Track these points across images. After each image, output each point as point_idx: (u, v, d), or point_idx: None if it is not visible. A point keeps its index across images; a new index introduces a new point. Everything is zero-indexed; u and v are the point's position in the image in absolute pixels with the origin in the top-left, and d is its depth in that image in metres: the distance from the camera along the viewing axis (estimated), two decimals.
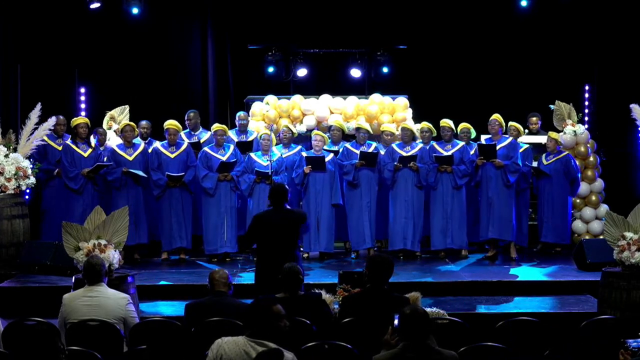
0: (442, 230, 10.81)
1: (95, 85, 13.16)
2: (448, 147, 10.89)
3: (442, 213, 10.80)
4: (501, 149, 10.66)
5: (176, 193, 10.75)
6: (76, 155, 10.54)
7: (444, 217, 10.80)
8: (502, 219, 10.60)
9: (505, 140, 10.77)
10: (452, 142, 10.91)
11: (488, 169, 10.66)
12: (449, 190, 10.79)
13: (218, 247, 10.70)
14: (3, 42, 11.95)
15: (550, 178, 11.01)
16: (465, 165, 10.76)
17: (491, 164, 10.59)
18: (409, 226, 10.77)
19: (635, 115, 10.92)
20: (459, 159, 10.79)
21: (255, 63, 13.76)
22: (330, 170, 10.80)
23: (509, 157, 10.61)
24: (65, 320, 6.39)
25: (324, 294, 7.26)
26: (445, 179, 10.80)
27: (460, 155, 10.81)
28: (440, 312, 7.09)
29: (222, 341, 5.00)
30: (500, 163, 10.54)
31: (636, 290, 7.95)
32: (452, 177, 10.76)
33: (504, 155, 10.63)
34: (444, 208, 10.80)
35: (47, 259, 9.74)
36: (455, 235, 10.80)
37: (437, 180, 10.78)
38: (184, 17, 13.93)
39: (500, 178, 10.61)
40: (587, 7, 12.97)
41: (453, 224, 10.79)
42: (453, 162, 10.72)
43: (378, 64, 13.68)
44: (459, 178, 10.74)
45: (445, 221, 10.80)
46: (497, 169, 10.58)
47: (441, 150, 10.86)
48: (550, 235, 11.09)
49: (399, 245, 10.80)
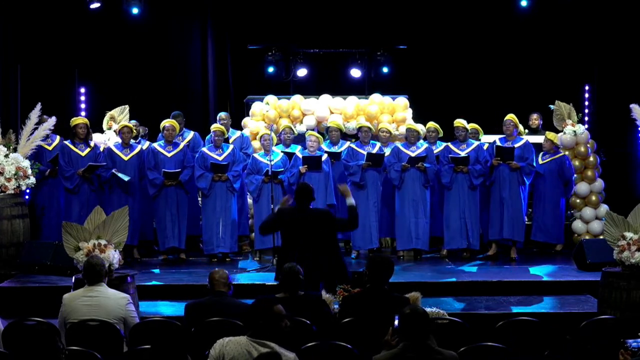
0: (459, 230, 10.80)
1: (95, 85, 13.17)
2: (463, 146, 10.87)
3: (459, 213, 10.78)
4: (516, 150, 10.67)
5: (172, 193, 10.73)
6: (73, 155, 10.53)
7: (460, 217, 10.78)
8: (514, 219, 10.61)
9: (520, 140, 10.79)
10: (466, 142, 10.89)
11: (502, 170, 10.66)
12: (464, 190, 10.78)
13: (214, 247, 10.70)
14: (3, 42, 11.96)
15: (544, 178, 11.00)
16: (481, 164, 10.76)
17: (507, 165, 10.60)
18: (419, 226, 10.75)
19: (635, 115, 10.92)
20: (474, 158, 10.78)
21: (255, 63, 13.77)
22: (325, 170, 10.78)
23: (523, 159, 10.62)
24: (65, 320, 6.39)
25: (324, 294, 7.26)
26: (460, 179, 10.78)
27: (475, 154, 10.80)
28: (440, 312, 7.08)
29: (224, 341, 5.00)
30: (516, 165, 10.55)
31: (636, 290, 7.94)
32: (468, 178, 10.74)
33: (519, 156, 10.63)
34: (460, 208, 10.78)
35: (47, 259, 9.73)
36: (471, 235, 10.80)
37: (452, 180, 10.77)
38: (184, 17, 13.94)
39: (515, 179, 10.62)
40: (587, 7, 12.97)
41: (469, 224, 10.78)
42: (469, 162, 10.72)
43: (378, 64, 13.69)
44: (474, 178, 10.72)
45: (462, 221, 10.79)
46: (512, 171, 10.60)
47: (457, 151, 10.83)
48: (540, 234, 11.09)
49: (408, 245, 10.78)
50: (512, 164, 10.56)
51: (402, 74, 13.79)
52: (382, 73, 13.69)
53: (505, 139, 10.85)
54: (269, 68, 13.55)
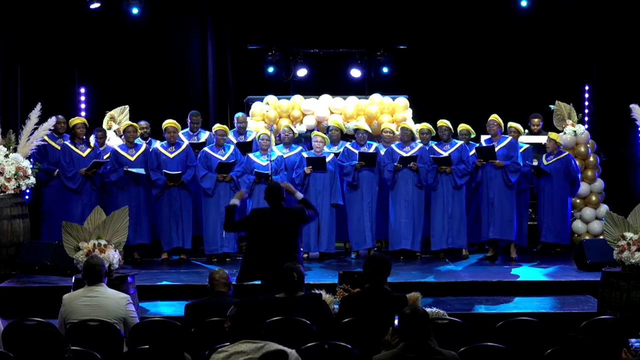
0: (442, 230, 10.81)
1: (95, 85, 13.17)
2: (446, 147, 10.90)
3: (443, 213, 10.80)
4: (501, 149, 10.67)
5: (175, 193, 10.74)
6: (74, 155, 10.56)
7: (444, 218, 10.80)
8: (503, 219, 10.60)
9: (505, 140, 10.77)
10: (450, 142, 10.91)
11: (488, 170, 10.67)
12: (449, 190, 10.79)
13: (218, 247, 10.71)
14: (3, 42, 11.95)
15: (551, 178, 11.00)
16: (465, 164, 10.77)
17: (491, 164, 10.59)
18: (410, 226, 10.76)
19: (635, 115, 10.92)
20: (457, 158, 10.79)
21: (255, 63, 13.76)
22: (331, 171, 10.81)
23: (509, 157, 10.62)
24: (65, 321, 6.39)
25: (324, 294, 7.26)
26: (445, 180, 10.80)
27: (459, 154, 10.81)
28: (440, 312, 7.09)
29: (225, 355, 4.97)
30: (500, 163, 10.54)
31: (636, 290, 7.95)
32: (452, 178, 10.75)
33: (504, 155, 10.64)
34: (445, 208, 10.80)
35: (47, 259, 9.74)
36: (455, 235, 10.80)
37: (436, 180, 10.78)
38: (184, 17, 13.93)
39: (501, 178, 10.61)
40: (587, 7, 12.96)
41: (453, 224, 10.79)
42: (451, 162, 10.72)
43: (378, 64, 13.68)
44: (458, 178, 10.74)
45: (446, 221, 10.80)
46: (497, 169, 10.59)
47: (439, 151, 10.86)
48: (550, 235, 11.09)
49: (400, 245, 10.79)
50: (495, 162, 10.55)
51: (402, 74, 13.78)
52: (382, 73, 13.68)
53: (490, 139, 10.87)
54: (269, 68, 13.54)
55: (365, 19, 13.71)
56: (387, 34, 13.78)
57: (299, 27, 13.79)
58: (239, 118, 11.49)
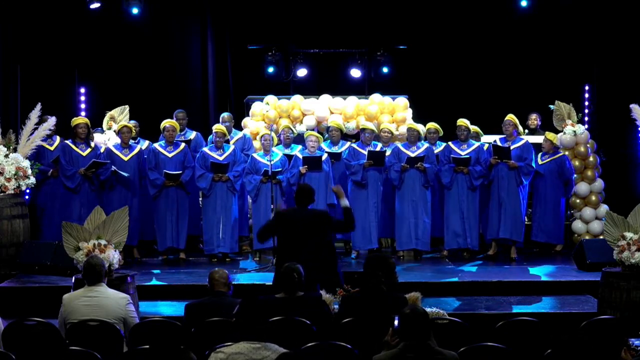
0: (458, 230, 10.80)
1: (95, 85, 13.18)
2: (464, 146, 10.88)
3: (459, 214, 10.79)
4: (515, 149, 10.67)
5: (172, 193, 10.73)
6: (74, 155, 10.55)
7: (460, 218, 10.79)
8: (513, 219, 10.62)
9: (520, 141, 10.80)
10: (467, 142, 10.90)
11: (500, 169, 10.67)
12: (464, 190, 10.78)
13: (214, 247, 10.70)
14: (3, 42, 11.95)
15: (544, 178, 11.00)
16: (481, 165, 10.76)
17: (505, 164, 10.60)
18: (418, 226, 10.75)
19: (635, 115, 10.91)
20: (475, 159, 10.79)
21: (255, 63, 13.77)
22: (325, 170, 10.78)
23: (522, 159, 10.63)
24: (65, 321, 6.39)
25: (324, 294, 7.26)
26: (460, 180, 10.78)
27: (476, 155, 10.81)
28: (440, 312, 7.08)
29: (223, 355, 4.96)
30: (514, 164, 10.56)
31: (636, 290, 7.95)
32: (468, 178, 10.75)
33: (518, 156, 10.64)
34: (460, 208, 10.79)
35: (47, 259, 9.74)
36: (470, 235, 10.80)
37: (452, 180, 10.78)
38: (184, 17, 13.94)
39: (513, 178, 10.63)
40: (587, 7, 12.97)
41: (469, 225, 10.79)
42: (470, 163, 10.73)
43: (378, 64, 13.69)
44: (474, 179, 10.73)
45: (461, 222, 10.79)
46: (511, 170, 10.60)
47: (458, 151, 10.83)
48: (541, 234, 11.08)
49: (408, 245, 10.78)
50: (510, 162, 10.57)
51: (402, 74, 13.79)
52: (382, 73, 13.68)
53: (505, 139, 10.86)
54: (269, 68, 13.55)
55: (365, 19, 13.72)
56: (387, 34, 13.79)
57: (299, 27, 13.80)
58: (224, 117, 11.43)
